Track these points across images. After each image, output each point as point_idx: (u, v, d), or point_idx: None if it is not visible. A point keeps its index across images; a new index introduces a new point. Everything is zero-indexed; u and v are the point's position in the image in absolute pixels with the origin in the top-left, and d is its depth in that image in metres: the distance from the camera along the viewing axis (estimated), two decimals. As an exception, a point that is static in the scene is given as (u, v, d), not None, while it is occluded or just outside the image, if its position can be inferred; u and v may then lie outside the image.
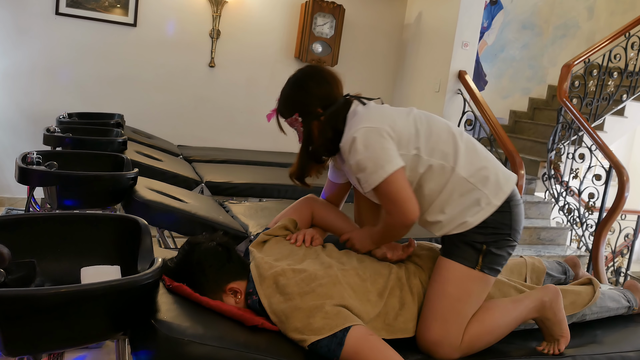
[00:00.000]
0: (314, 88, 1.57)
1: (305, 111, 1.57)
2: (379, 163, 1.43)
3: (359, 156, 1.45)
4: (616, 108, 4.75)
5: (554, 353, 1.49)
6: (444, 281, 1.47)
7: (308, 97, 1.57)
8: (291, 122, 1.62)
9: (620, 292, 1.89)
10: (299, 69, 1.62)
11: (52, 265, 1.38)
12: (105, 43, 4.15)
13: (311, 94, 1.57)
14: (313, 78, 1.59)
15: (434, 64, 4.54)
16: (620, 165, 3.85)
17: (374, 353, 1.26)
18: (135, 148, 3.12)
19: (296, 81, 1.60)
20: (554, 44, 6.00)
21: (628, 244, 4.55)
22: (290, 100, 1.60)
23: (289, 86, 1.61)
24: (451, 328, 1.43)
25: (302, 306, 1.32)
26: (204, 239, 1.45)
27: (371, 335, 1.31)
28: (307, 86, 1.58)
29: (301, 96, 1.58)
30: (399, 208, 1.45)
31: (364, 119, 1.50)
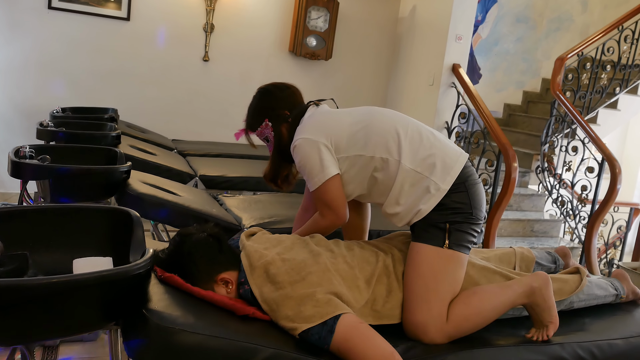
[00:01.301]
0: (279, 93, 1.76)
1: (274, 115, 1.74)
2: (313, 172, 1.62)
3: (299, 163, 1.66)
4: (609, 101, 4.78)
5: (542, 339, 1.51)
6: (418, 264, 1.52)
7: (274, 101, 1.75)
8: (261, 131, 1.76)
9: (608, 280, 1.91)
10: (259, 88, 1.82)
11: (45, 257, 1.39)
12: (98, 37, 4.14)
13: (277, 97, 1.75)
14: (276, 86, 1.79)
15: (428, 57, 4.55)
16: (612, 157, 3.88)
17: (363, 340, 1.28)
18: (129, 142, 3.12)
19: (262, 91, 1.78)
20: (548, 37, 6.02)
21: (620, 236, 4.58)
22: (258, 108, 1.76)
23: (256, 98, 1.78)
24: (433, 307, 1.46)
25: (292, 295, 1.33)
26: (195, 230, 1.47)
27: (361, 323, 1.32)
28: (272, 92, 1.77)
29: (268, 101, 1.76)
30: (330, 212, 1.64)
31: (305, 129, 1.66)
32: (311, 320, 1.29)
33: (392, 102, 5.09)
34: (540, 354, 1.48)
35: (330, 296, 1.34)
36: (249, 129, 1.80)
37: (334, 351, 1.30)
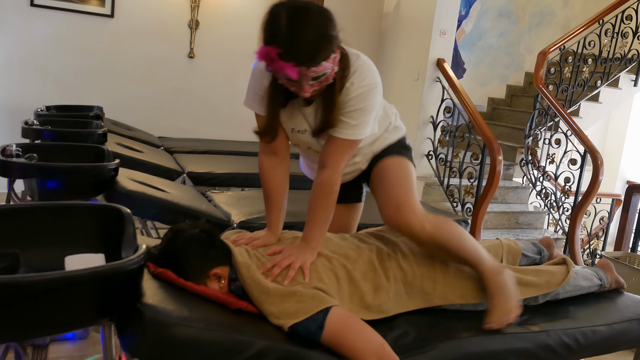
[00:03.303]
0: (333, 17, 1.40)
1: (337, 46, 1.39)
2: (364, 124, 1.50)
3: (361, 108, 1.48)
4: (591, 94, 4.85)
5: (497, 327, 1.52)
6: (386, 167, 1.67)
7: (335, 27, 1.40)
8: (325, 65, 1.35)
9: (593, 271, 1.96)
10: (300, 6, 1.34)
11: (36, 256, 1.39)
12: (82, 35, 4.11)
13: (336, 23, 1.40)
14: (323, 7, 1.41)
15: (413, 52, 4.58)
16: (595, 150, 3.95)
17: (353, 333, 1.30)
18: (115, 140, 3.11)
19: (321, 11, 1.38)
20: (531, 31, 6.08)
21: (603, 227, 4.66)
22: (328, 35, 1.35)
23: (318, 20, 1.34)
24: (408, 190, 1.59)
25: (274, 292, 1.35)
26: (186, 226, 1.47)
27: (350, 316, 1.34)
28: (331, 15, 1.41)
29: (334, 27, 1.38)
30: (340, 166, 1.54)
31: (375, 72, 1.52)
32: (296, 316, 1.30)
33: (377, 97, 5.11)
34: (526, 341, 1.52)
35: (314, 291, 1.36)
36: (308, 61, 1.30)
37: (325, 344, 1.32)
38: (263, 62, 1.35)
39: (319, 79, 1.36)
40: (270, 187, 1.66)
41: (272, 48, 1.29)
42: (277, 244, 1.58)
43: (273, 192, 1.66)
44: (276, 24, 1.30)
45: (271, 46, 1.30)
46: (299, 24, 1.30)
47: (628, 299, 1.90)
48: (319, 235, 1.51)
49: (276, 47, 1.29)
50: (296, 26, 1.29)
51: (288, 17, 1.30)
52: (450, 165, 4.13)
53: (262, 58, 1.32)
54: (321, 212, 1.53)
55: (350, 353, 1.29)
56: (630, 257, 3.54)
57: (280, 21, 1.30)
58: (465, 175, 4.02)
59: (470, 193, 3.98)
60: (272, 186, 1.66)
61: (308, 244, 1.49)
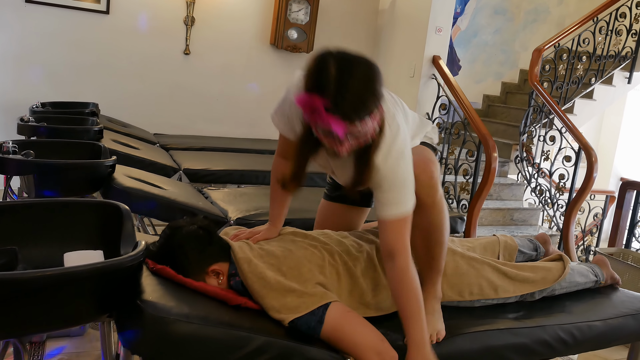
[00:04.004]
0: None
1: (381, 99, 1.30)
2: (407, 194, 1.40)
3: (396, 179, 1.39)
4: (585, 91, 4.88)
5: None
6: None
7: (381, 81, 1.29)
8: (367, 123, 1.26)
9: (589, 267, 1.98)
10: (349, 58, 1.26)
11: (34, 252, 1.39)
12: (77, 31, 4.09)
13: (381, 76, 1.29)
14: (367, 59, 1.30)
15: (409, 49, 4.59)
16: (589, 146, 3.97)
17: (352, 328, 1.31)
18: (111, 137, 3.10)
19: (369, 65, 1.27)
20: (525, 29, 6.10)
21: (597, 223, 4.69)
22: (374, 91, 1.25)
23: (366, 75, 1.25)
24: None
25: (276, 286, 1.36)
26: (185, 222, 1.48)
27: (349, 312, 1.35)
28: (378, 68, 1.29)
29: (380, 81, 1.28)
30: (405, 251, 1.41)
31: (401, 140, 1.40)
32: (297, 311, 1.32)
33: (373, 94, 5.12)
34: (523, 336, 1.53)
35: (315, 286, 1.37)
36: (355, 116, 1.22)
37: (324, 339, 1.33)
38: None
39: (359, 137, 1.28)
40: (277, 183, 1.64)
41: (317, 98, 1.21)
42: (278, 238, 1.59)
43: (280, 190, 1.63)
44: (324, 73, 1.22)
45: (316, 95, 1.21)
46: (348, 76, 1.21)
47: (623, 294, 1.92)
48: (422, 328, 1.38)
49: (322, 97, 1.20)
50: (346, 78, 1.21)
51: (337, 68, 1.22)
52: (445, 162, 4.15)
53: (304, 107, 1.24)
54: (411, 304, 1.39)
55: (350, 347, 1.31)
56: (624, 253, 3.56)
57: (328, 71, 1.22)
58: (461, 172, 4.04)
59: (465, 190, 4.00)
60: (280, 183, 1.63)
61: (416, 343, 1.36)
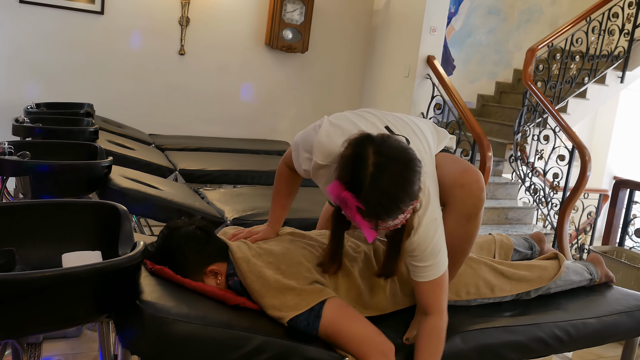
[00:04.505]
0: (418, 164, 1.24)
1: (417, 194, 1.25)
2: (440, 258, 1.39)
3: (425, 246, 1.36)
4: (578, 91, 4.91)
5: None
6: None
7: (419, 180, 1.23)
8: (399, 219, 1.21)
9: (584, 265, 1.99)
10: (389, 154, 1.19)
11: (32, 253, 1.39)
12: (71, 32, 4.08)
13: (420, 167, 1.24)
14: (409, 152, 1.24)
15: (403, 49, 4.60)
16: (582, 145, 4.00)
17: (349, 322, 1.32)
18: (106, 137, 3.10)
19: (409, 161, 1.21)
20: (519, 28, 6.13)
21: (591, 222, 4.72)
22: (413, 190, 1.20)
23: (408, 174, 1.19)
24: None
25: (274, 285, 1.36)
26: (182, 223, 1.48)
27: (346, 306, 1.37)
28: (419, 167, 1.23)
29: (419, 178, 1.22)
30: (443, 310, 1.42)
31: (433, 195, 1.38)
32: (297, 308, 1.32)
33: (368, 94, 5.14)
34: (519, 334, 1.55)
35: (313, 283, 1.38)
36: (387, 218, 1.18)
37: (322, 336, 1.33)
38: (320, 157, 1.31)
39: (389, 228, 1.23)
40: (282, 187, 1.67)
41: (352, 198, 1.15)
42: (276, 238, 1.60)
43: (283, 193, 1.68)
44: (361, 169, 1.16)
45: (350, 194, 1.16)
46: (385, 178, 1.15)
47: (617, 292, 1.93)
48: None
49: (357, 199, 1.15)
50: (382, 181, 1.15)
51: (375, 166, 1.16)
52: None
53: (337, 201, 1.19)
54: (434, 356, 1.38)
55: (347, 341, 1.32)
56: (618, 251, 3.59)
57: (365, 168, 1.16)
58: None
59: (460, 189, 4.00)
60: (284, 189, 1.67)
61: None
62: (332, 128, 1.36)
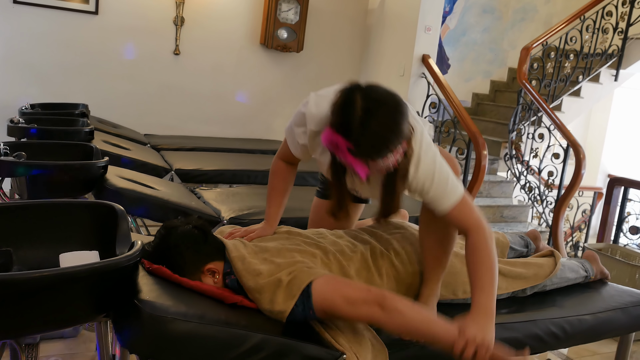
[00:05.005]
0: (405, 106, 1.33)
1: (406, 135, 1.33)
2: (452, 183, 1.44)
3: (435, 179, 1.42)
4: (573, 89, 4.93)
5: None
6: None
7: (407, 114, 1.33)
8: (389, 158, 1.30)
9: (579, 262, 2.01)
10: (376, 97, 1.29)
11: (29, 254, 1.38)
12: (66, 32, 4.07)
13: (407, 109, 1.33)
14: (395, 96, 1.34)
15: (398, 48, 4.61)
16: (577, 144, 4.02)
17: (339, 291, 1.31)
18: (102, 138, 3.09)
19: (396, 103, 1.31)
20: (514, 27, 6.15)
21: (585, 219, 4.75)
22: (400, 129, 1.29)
23: (394, 114, 1.28)
24: None
25: (269, 279, 1.37)
26: (179, 222, 1.48)
27: (333, 277, 1.36)
28: (404, 104, 1.32)
29: (405, 117, 1.31)
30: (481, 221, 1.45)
31: (423, 132, 1.45)
32: (291, 298, 1.32)
33: (363, 93, 5.13)
34: (515, 331, 1.56)
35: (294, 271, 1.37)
36: (376, 156, 1.27)
37: (321, 315, 1.33)
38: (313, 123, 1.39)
39: (381, 169, 1.34)
40: (277, 184, 1.72)
41: (343, 140, 1.25)
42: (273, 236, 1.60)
43: (279, 189, 1.72)
44: (349, 113, 1.25)
45: (342, 136, 1.25)
46: (373, 118, 1.24)
47: (612, 289, 1.95)
48: (492, 299, 1.38)
49: (347, 140, 1.25)
50: (369, 120, 1.24)
51: (363, 110, 1.25)
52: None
53: (328, 144, 1.28)
54: (482, 275, 1.40)
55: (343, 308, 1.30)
56: (612, 248, 3.61)
57: (354, 111, 1.25)
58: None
59: (456, 187, 4.02)
60: (279, 185, 1.71)
61: (483, 309, 1.35)
62: (319, 99, 1.44)
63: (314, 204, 1.95)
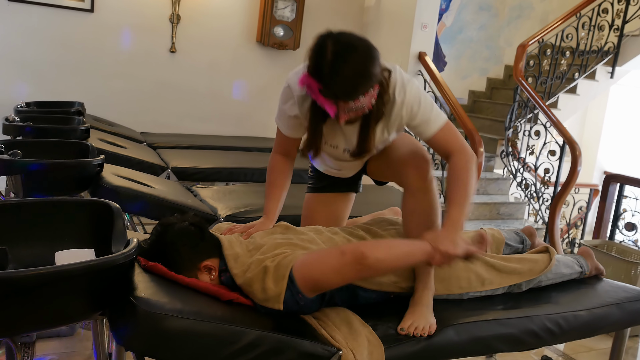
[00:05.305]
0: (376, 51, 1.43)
1: (378, 78, 1.42)
2: (437, 112, 1.57)
3: (420, 106, 1.54)
4: (569, 86, 4.94)
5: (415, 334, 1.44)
6: None
7: (379, 60, 1.42)
8: (362, 100, 1.40)
9: (574, 258, 2.01)
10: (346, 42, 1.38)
11: (25, 252, 1.38)
12: (61, 30, 4.06)
13: (378, 56, 1.42)
14: (366, 41, 1.43)
15: (395, 46, 4.61)
16: (573, 141, 4.03)
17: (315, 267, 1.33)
18: (98, 136, 3.09)
19: (367, 48, 1.40)
20: (510, 24, 6.16)
21: (581, 216, 4.76)
22: (368, 73, 1.37)
23: (363, 58, 1.37)
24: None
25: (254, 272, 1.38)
26: (176, 219, 1.49)
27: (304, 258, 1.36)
28: (375, 50, 1.41)
29: (377, 62, 1.40)
30: (465, 145, 1.58)
31: (407, 76, 1.56)
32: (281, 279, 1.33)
33: (360, 91, 5.13)
34: (510, 327, 1.56)
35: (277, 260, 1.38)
36: (346, 98, 1.37)
37: (311, 294, 1.35)
38: (299, 87, 1.46)
39: (355, 110, 1.42)
40: (275, 178, 1.75)
41: (315, 81, 1.36)
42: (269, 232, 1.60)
43: (277, 184, 1.75)
44: (321, 57, 1.35)
45: (314, 79, 1.37)
46: (342, 63, 1.34)
47: (607, 284, 1.95)
48: (463, 215, 1.48)
49: (318, 82, 1.36)
50: (340, 64, 1.34)
51: (333, 54, 1.34)
52: (433, 157, 4.17)
53: (304, 86, 1.40)
54: (459, 192, 1.51)
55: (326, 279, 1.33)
56: (608, 245, 3.62)
57: (325, 56, 1.35)
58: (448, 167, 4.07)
59: (452, 185, 4.02)
60: (277, 179, 1.75)
61: (453, 222, 1.45)
62: (296, 71, 1.54)
63: (306, 199, 1.97)
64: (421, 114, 1.55)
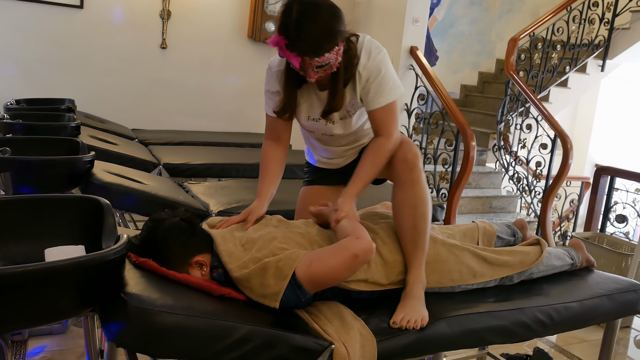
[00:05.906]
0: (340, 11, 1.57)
1: (342, 37, 1.55)
2: (394, 84, 1.66)
3: (382, 74, 1.63)
4: (560, 80, 4.96)
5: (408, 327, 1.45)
6: None
7: (342, 21, 1.55)
8: (328, 57, 1.50)
9: (565, 250, 2.02)
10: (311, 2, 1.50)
11: (14, 250, 1.37)
12: (51, 26, 4.02)
13: (342, 17, 1.56)
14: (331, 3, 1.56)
15: (386, 40, 4.59)
16: (564, 134, 4.04)
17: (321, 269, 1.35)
18: (88, 133, 3.07)
19: (330, 7, 1.53)
20: (501, 18, 6.17)
21: (573, 209, 4.79)
22: (332, 31, 1.49)
23: (324, 18, 1.49)
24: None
25: (252, 268, 1.37)
26: (167, 215, 1.48)
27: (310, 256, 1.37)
28: (339, 9, 1.55)
29: (340, 22, 1.54)
30: (396, 131, 1.67)
31: (377, 43, 1.69)
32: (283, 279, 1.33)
33: (352, 86, 5.13)
34: (502, 319, 1.57)
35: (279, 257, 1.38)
36: (311, 53, 1.47)
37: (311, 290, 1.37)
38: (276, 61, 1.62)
39: (323, 68, 1.52)
40: (267, 163, 1.80)
41: (281, 38, 1.48)
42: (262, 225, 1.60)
43: (270, 168, 1.80)
44: (287, 16, 1.47)
45: (281, 36, 1.48)
46: (306, 20, 1.45)
47: (598, 276, 1.97)
48: (360, 189, 1.63)
49: (284, 38, 1.47)
50: (303, 21, 1.45)
51: (298, 12, 1.46)
52: (425, 151, 4.19)
53: (274, 45, 1.50)
54: (368, 169, 1.65)
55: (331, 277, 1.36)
56: (600, 237, 3.65)
57: (291, 14, 1.46)
58: (440, 161, 4.08)
59: (444, 179, 4.04)
60: (270, 164, 1.80)
61: (351, 196, 1.61)
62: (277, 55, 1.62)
63: (300, 193, 1.99)
64: (377, 83, 1.63)
